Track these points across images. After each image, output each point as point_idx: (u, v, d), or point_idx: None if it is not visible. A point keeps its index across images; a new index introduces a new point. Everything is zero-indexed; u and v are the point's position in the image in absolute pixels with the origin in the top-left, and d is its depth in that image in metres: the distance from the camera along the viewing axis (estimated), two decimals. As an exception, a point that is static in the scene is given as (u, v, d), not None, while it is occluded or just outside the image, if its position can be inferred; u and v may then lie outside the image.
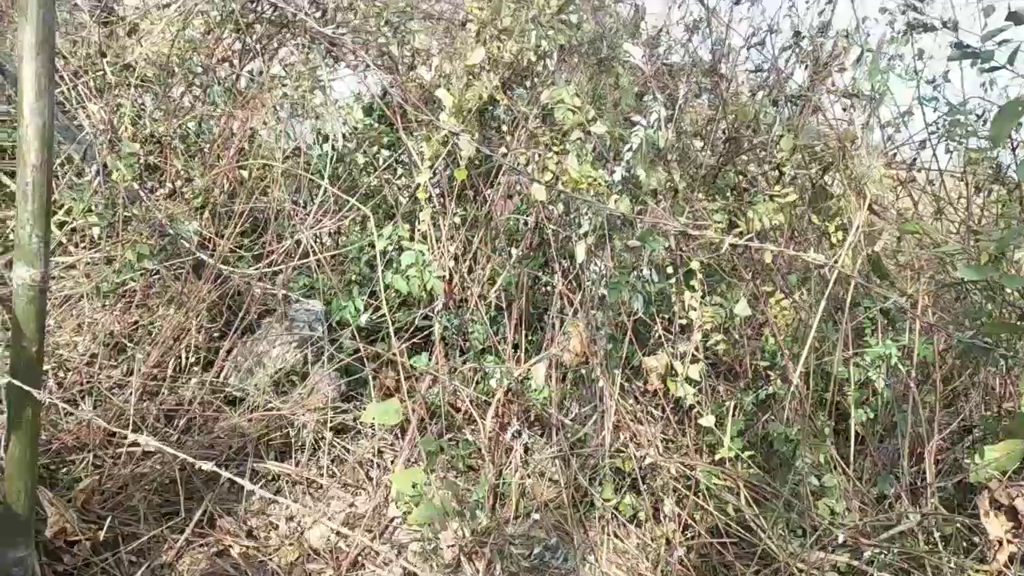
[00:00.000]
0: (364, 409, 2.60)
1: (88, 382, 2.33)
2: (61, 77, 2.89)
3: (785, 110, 2.74)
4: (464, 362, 2.60)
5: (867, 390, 2.66)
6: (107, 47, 2.74)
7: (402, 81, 2.91)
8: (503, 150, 2.55)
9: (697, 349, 2.51)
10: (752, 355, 2.68)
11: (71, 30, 2.89)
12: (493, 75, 2.47)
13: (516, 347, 2.67)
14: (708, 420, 2.46)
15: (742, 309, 2.41)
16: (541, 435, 2.77)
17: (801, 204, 2.60)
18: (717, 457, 2.49)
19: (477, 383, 2.64)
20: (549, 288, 2.76)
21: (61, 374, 2.36)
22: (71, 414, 2.30)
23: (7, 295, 2.47)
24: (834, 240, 2.67)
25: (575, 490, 2.54)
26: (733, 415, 2.51)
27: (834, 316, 2.71)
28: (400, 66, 3.13)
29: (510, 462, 2.58)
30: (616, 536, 2.54)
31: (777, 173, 2.65)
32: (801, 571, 2.17)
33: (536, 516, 2.50)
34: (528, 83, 2.70)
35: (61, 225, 2.66)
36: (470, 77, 2.37)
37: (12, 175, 2.78)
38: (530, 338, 2.81)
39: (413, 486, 1.97)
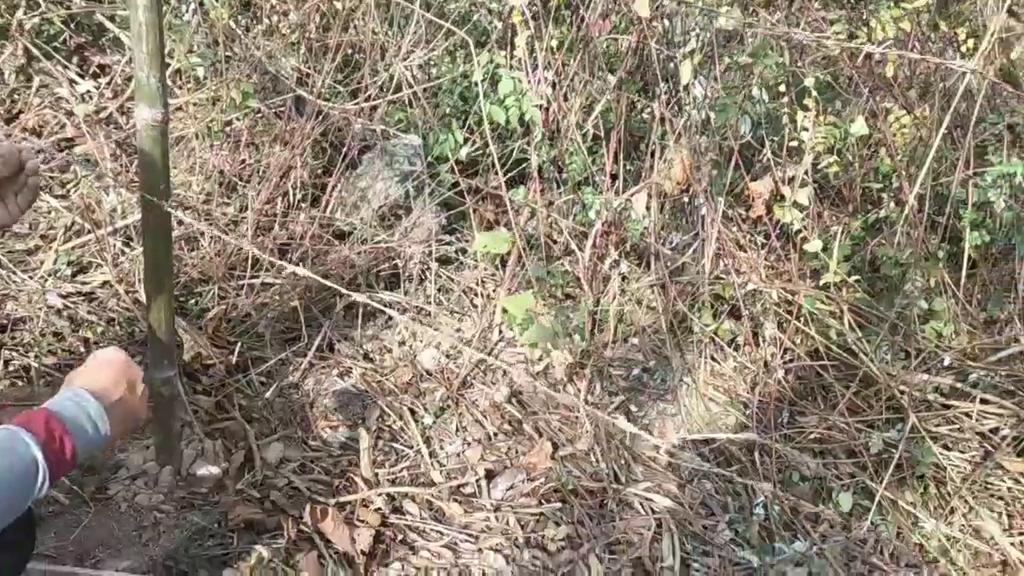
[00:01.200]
0: (467, 241, 2.67)
1: (205, 219, 2.46)
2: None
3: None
4: (561, 194, 2.59)
5: (984, 212, 2.52)
6: None
7: None
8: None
9: (807, 172, 2.41)
10: (864, 177, 2.56)
11: None
12: None
13: (614, 177, 2.63)
14: (814, 245, 2.39)
15: (859, 128, 2.27)
16: (640, 264, 2.78)
17: (928, 10, 2.36)
18: (821, 282, 2.45)
19: (575, 215, 2.64)
20: (649, 114, 2.67)
21: (181, 212, 2.50)
22: (194, 250, 2.45)
23: (123, 138, 2.59)
24: (963, 49, 2.44)
25: (673, 316, 2.58)
26: (840, 239, 2.44)
27: (954, 134, 2.53)
28: None
29: (608, 290, 2.62)
30: (714, 359, 2.60)
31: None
32: (903, 392, 2.18)
33: (634, 340, 2.57)
34: None
35: (168, 67, 2.71)
36: None
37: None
38: (629, 167, 2.76)
39: (523, 310, 2.04)
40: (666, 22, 2.33)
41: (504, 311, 2.36)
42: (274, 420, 2.08)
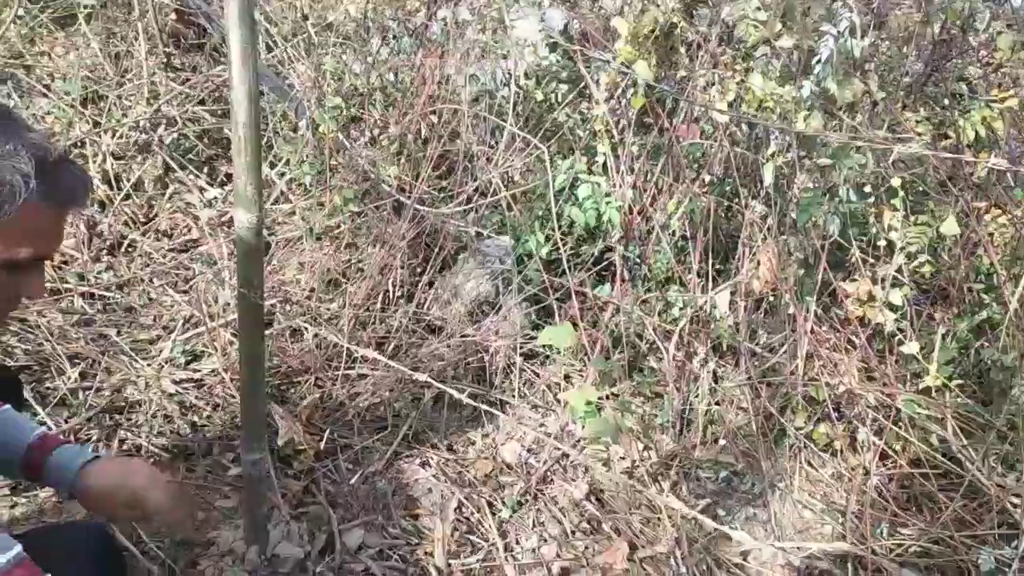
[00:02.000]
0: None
1: (308, 313, 2.63)
2: (274, 41, 3.20)
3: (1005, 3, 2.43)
4: (647, 291, 2.62)
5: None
6: (311, 10, 2.99)
7: (582, 13, 2.92)
8: (682, 73, 2.50)
9: (900, 272, 2.35)
10: (965, 277, 2.46)
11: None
12: (670, -2, 2.41)
13: (701, 275, 2.65)
14: (911, 347, 2.31)
15: (950, 227, 2.22)
16: (731, 366, 2.74)
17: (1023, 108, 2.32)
18: (922, 386, 2.34)
19: (661, 312, 2.65)
20: (737, 215, 2.70)
21: (287, 307, 2.68)
22: (297, 342, 2.62)
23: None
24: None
25: (765, 418, 2.50)
26: (943, 341, 2.34)
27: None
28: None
29: (697, 389, 2.59)
30: (810, 464, 2.49)
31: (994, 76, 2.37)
32: (1015, 505, 2.02)
33: (723, 442, 2.50)
34: (710, 2, 2.61)
35: (282, 175, 2.99)
36: (645, 1, 2.33)
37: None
38: (717, 267, 2.77)
39: (587, 403, 2.05)
40: (744, 127, 2.38)
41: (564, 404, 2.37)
42: (357, 506, 2.14)
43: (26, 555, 0.97)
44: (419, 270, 2.82)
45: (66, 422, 2.14)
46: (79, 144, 2.98)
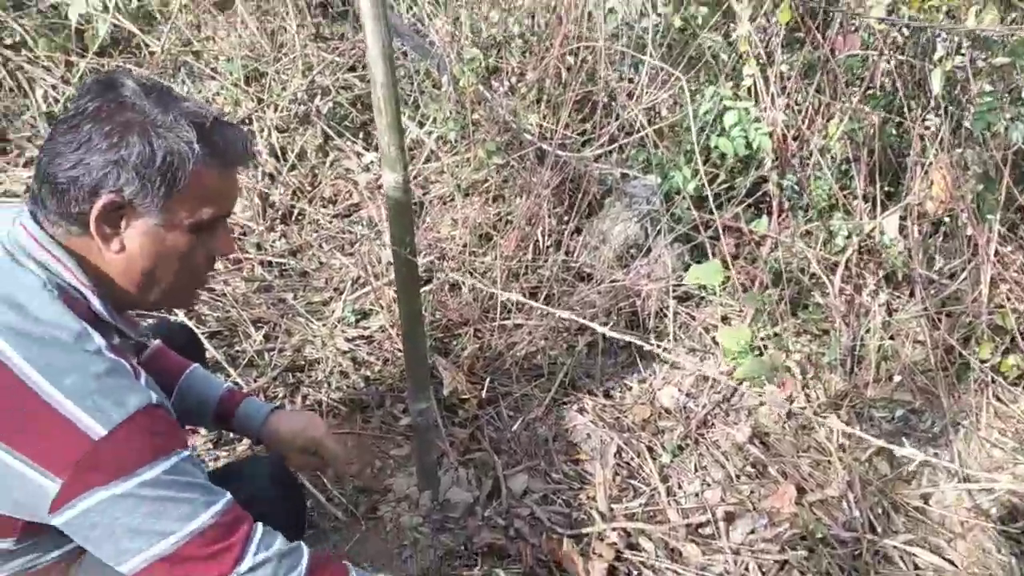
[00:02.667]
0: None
1: (463, 267, 2.71)
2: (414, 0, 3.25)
3: None
4: (808, 221, 2.48)
5: None
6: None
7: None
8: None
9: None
10: None
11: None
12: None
13: (867, 200, 2.46)
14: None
15: None
16: (904, 295, 2.55)
17: None
18: None
19: (824, 243, 2.50)
20: (906, 131, 2.46)
21: (443, 262, 2.78)
22: (456, 296, 2.72)
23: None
24: None
25: (945, 352, 2.32)
26: None
27: None
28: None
29: (868, 324, 2.44)
30: (998, 399, 2.29)
31: None
32: None
33: (899, 379, 2.35)
34: None
35: (430, 134, 3.06)
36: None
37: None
38: (887, 189, 2.56)
39: (739, 343, 1.98)
40: (904, 31, 2.15)
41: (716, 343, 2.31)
42: (520, 452, 2.23)
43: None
44: (565, 217, 2.82)
45: (255, 381, 2.36)
46: (247, 120, 3.20)
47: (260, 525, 1.10)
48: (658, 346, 2.53)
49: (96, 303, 1.06)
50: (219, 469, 1.51)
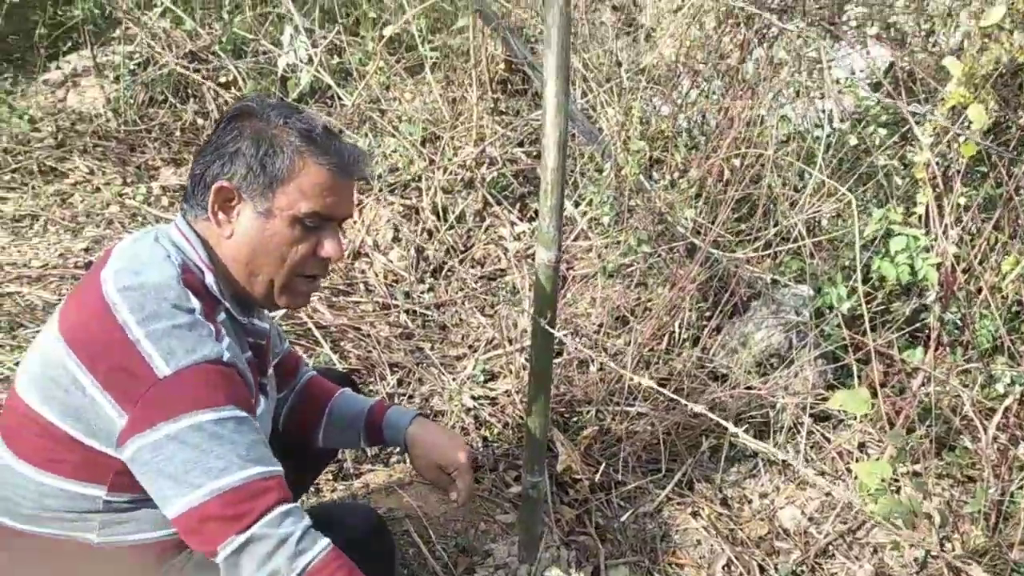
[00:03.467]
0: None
1: (596, 346, 2.73)
2: (588, 87, 3.39)
3: None
4: (967, 360, 2.33)
5: None
6: (624, 55, 3.12)
7: (909, 52, 2.70)
8: (1029, 118, 2.20)
9: None
10: None
11: (595, 44, 3.36)
12: (1020, 34, 2.14)
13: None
14: None
15: None
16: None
17: None
18: None
19: (983, 386, 2.34)
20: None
21: (576, 339, 2.81)
22: (583, 373, 2.73)
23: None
24: None
25: (1114, 527, 2.08)
26: None
27: None
28: (912, 37, 2.90)
29: (1022, 479, 2.23)
30: None
31: None
32: None
33: (1054, 548, 2.13)
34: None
35: (584, 214, 3.14)
36: (985, 39, 2.10)
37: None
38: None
39: (880, 479, 1.86)
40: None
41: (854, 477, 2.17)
42: (625, 544, 2.18)
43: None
44: (707, 314, 2.79)
45: (382, 423, 2.45)
46: (416, 179, 3.42)
47: (296, 508, 1.13)
48: (792, 462, 2.43)
49: (209, 278, 1.20)
50: (317, 507, 1.57)
